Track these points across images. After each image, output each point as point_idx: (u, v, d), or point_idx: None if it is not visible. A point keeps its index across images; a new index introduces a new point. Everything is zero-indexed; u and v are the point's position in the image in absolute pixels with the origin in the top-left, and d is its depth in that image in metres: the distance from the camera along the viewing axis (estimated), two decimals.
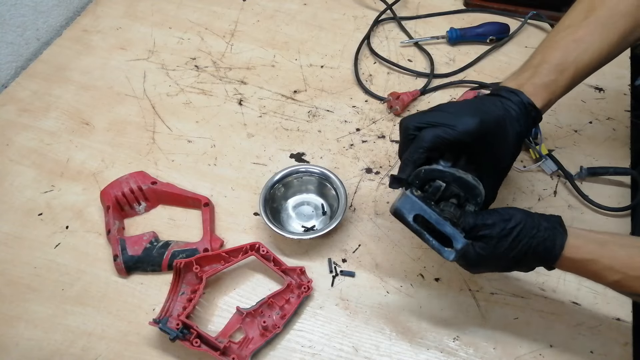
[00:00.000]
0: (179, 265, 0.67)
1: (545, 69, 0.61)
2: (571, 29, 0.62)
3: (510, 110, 0.58)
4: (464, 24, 1.02)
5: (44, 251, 0.75)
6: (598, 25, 0.62)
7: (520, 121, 0.59)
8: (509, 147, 0.59)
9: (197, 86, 0.95)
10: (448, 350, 0.65)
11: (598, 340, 0.65)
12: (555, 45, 0.62)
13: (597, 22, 0.62)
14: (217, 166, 0.84)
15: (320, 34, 1.03)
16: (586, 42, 0.61)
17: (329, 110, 0.91)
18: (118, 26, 1.06)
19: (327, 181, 0.77)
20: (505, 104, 0.58)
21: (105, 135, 0.88)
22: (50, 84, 0.96)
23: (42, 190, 0.81)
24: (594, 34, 0.61)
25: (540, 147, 0.80)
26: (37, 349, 0.66)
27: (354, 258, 0.73)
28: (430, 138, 0.56)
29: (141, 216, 0.79)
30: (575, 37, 0.62)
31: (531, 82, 0.60)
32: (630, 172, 0.77)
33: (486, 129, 0.56)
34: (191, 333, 0.63)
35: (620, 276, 0.53)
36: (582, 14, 0.63)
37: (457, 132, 0.55)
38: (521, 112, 0.59)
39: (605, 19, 0.62)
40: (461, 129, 0.55)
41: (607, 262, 0.53)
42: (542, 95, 0.60)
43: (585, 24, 0.62)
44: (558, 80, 0.61)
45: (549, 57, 0.61)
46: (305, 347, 0.66)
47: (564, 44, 0.62)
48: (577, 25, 0.62)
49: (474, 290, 0.70)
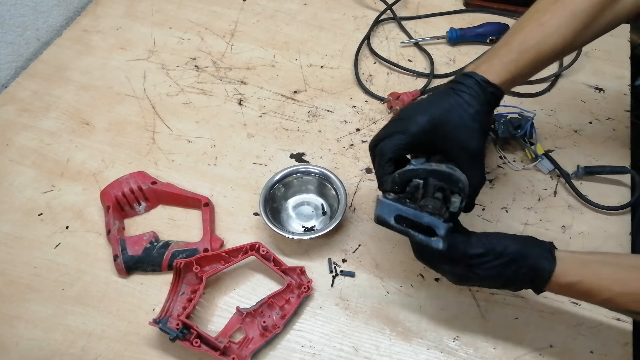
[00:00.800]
0: (179, 265, 0.67)
1: (505, 49, 0.62)
2: (538, 13, 0.63)
3: (462, 94, 0.59)
4: (464, 24, 1.02)
5: (44, 251, 0.75)
6: (564, 10, 0.62)
7: (476, 100, 0.59)
8: (470, 130, 0.59)
9: (197, 86, 0.95)
10: (448, 350, 0.65)
11: (598, 340, 0.65)
12: (519, 29, 0.63)
13: (564, 7, 0.62)
14: (217, 166, 0.84)
15: (320, 34, 1.03)
16: (550, 26, 0.62)
17: (329, 111, 0.91)
18: (118, 26, 1.06)
19: (327, 181, 0.77)
20: (457, 89, 0.60)
21: (105, 135, 0.88)
22: (50, 84, 0.96)
23: (42, 190, 0.81)
24: (559, 19, 0.62)
25: (535, 147, 0.80)
26: (37, 349, 0.66)
27: (354, 258, 0.73)
28: (388, 149, 0.59)
29: (141, 216, 0.79)
30: (541, 22, 0.62)
31: (488, 63, 0.61)
32: (626, 170, 0.77)
33: (437, 122, 0.58)
34: (191, 333, 0.63)
35: (607, 295, 0.54)
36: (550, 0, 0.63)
37: (410, 136, 0.58)
38: (476, 92, 0.59)
39: (572, 5, 0.62)
40: (413, 130, 0.58)
41: (593, 282, 0.54)
42: (500, 73, 0.60)
43: (552, 9, 0.62)
44: (518, 60, 0.61)
45: (511, 40, 0.62)
46: (305, 347, 0.66)
47: (529, 28, 0.62)
48: (544, 10, 0.63)
49: (474, 290, 0.70)
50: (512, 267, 0.55)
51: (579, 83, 0.92)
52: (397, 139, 0.58)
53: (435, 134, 0.58)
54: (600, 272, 0.55)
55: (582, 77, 0.93)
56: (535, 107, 0.88)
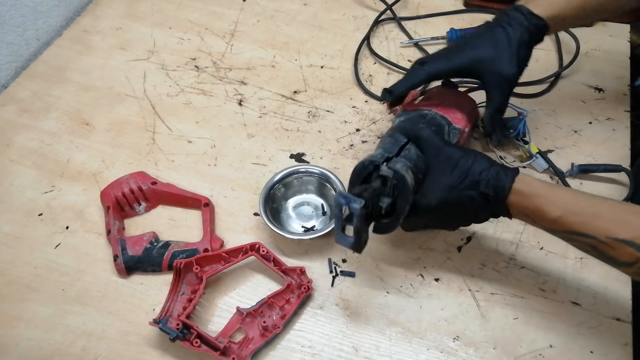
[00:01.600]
0: (179, 265, 0.67)
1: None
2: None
3: (507, 26, 0.66)
4: (464, 24, 1.02)
5: (44, 251, 0.75)
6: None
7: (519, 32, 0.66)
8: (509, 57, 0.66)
9: (197, 86, 0.95)
10: (448, 350, 0.65)
11: (598, 340, 0.65)
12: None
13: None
14: (217, 166, 0.84)
15: (320, 34, 1.03)
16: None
17: (329, 111, 0.91)
18: (118, 26, 1.06)
19: (327, 181, 0.77)
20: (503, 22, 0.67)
21: (106, 136, 0.88)
22: (51, 84, 0.96)
23: (42, 190, 0.81)
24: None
25: (529, 146, 0.80)
26: (37, 349, 0.67)
27: (354, 258, 0.73)
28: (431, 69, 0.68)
29: (141, 216, 0.79)
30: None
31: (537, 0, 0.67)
32: (620, 168, 0.77)
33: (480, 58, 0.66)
34: (191, 333, 0.63)
35: (561, 212, 0.55)
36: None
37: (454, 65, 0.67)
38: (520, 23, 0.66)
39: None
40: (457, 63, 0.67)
41: (551, 198, 0.56)
42: (548, 8, 0.66)
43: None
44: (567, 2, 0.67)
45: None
46: (305, 347, 0.66)
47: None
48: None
49: (474, 290, 0.70)
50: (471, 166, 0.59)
51: (579, 83, 0.92)
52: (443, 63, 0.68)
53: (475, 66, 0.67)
54: (558, 190, 0.58)
55: (582, 77, 0.93)
56: (535, 107, 0.88)
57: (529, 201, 0.57)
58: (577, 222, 0.55)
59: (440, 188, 0.60)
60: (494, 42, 0.66)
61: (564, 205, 0.56)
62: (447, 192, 0.60)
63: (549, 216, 0.56)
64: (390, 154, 0.61)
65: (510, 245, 0.73)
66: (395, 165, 0.59)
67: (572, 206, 0.56)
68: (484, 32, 0.68)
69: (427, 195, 0.60)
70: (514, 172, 0.58)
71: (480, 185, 0.58)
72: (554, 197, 0.56)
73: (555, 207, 0.56)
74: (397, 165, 0.59)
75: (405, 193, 0.59)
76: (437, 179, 0.60)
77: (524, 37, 0.66)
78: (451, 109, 0.70)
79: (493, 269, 0.71)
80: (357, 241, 0.58)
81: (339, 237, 0.59)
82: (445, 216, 0.62)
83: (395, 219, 0.60)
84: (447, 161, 0.60)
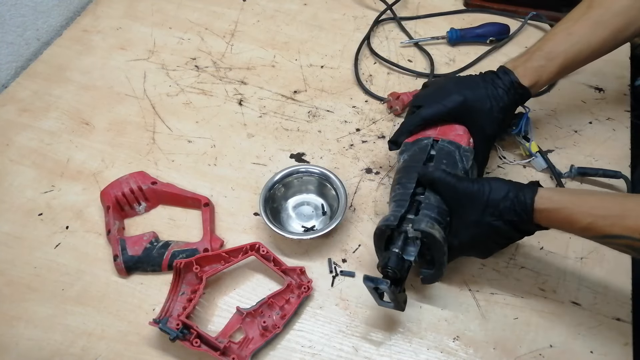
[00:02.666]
0: (179, 265, 0.67)
1: (537, 55, 0.71)
2: (569, 23, 0.71)
3: (497, 88, 0.70)
4: (464, 24, 1.02)
5: (44, 251, 0.75)
6: (592, 21, 0.70)
7: (506, 96, 0.70)
8: (493, 118, 0.70)
9: (197, 86, 0.95)
10: (448, 350, 0.65)
11: (598, 340, 0.65)
12: (552, 36, 0.72)
13: (592, 18, 0.70)
14: (217, 166, 0.84)
15: (320, 34, 1.03)
16: (578, 35, 0.70)
17: (329, 111, 0.91)
18: (118, 26, 1.06)
19: (327, 181, 0.77)
20: (495, 82, 0.70)
21: (105, 135, 0.88)
22: (51, 84, 0.96)
23: (42, 190, 0.81)
24: (586, 28, 0.70)
25: (530, 145, 0.80)
26: (37, 349, 0.66)
27: (354, 258, 0.73)
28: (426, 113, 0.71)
29: (141, 216, 0.79)
30: (570, 31, 0.71)
31: (524, 66, 0.71)
32: (619, 175, 0.77)
33: (470, 105, 0.69)
34: (191, 333, 0.63)
35: (591, 219, 0.55)
36: (582, 10, 0.71)
37: (445, 109, 0.70)
38: (509, 89, 0.70)
39: (599, 16, 0.70)
40: (450, 106, 0.70)
41: (577, 207, 0.56)
42: (531, 77, 0.70)
43: (581, 19, 0.71)
44: (546, 67, 0.70)
45: (544, 46, 0.71)
46: (305, 347, 0.66)
47: (559, 36, 0.71)
48: (574, 20, 0.71)
49: (474, 290, 0.70)
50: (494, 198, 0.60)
51: (579, 83, 0.92)
52: (436, 108, 0.70)
53: (464, 112, 0.70)
54: (582, 197, 0.58)
55: (582, 77, 0.92)
56: (536, 107, 0.88)
57: (556, 216, 0.57)
58: (607, 226, 0.55)
59: (466, 226, 0.61)
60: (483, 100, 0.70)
61: (590, 211, 0.56)
62: (474, 228, 0.61)
63: (578, 225, 0.56)
64: (403, 208, 0.62)
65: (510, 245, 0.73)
66: (420, 226, 0.60)
67: (599, 210, 0.55)
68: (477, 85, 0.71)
69: (457, 235, 0.62)
70: (532, 192, 0.58)
71: (502, 215, 0.59)
72: (579, 206, 0.56)
73: (583, 215, 0.56)
74: (422, 225, 0.60)
75: (438, 247, 0.61)
76: (462, 217, 0.62)
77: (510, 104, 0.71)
78: (448, 127, 0.71)
79: (493, 269, 0.71)
80: (397, 305, 0.62)
81: (380, 304, 0.63)
82: (479, 248, 0.64)
83: (438, 270, 0.64)
84: (465, 198, 0.61)
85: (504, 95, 0.69)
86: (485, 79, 0.71)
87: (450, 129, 0.70)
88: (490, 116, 0.70)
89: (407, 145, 0.71)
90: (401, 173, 0.67)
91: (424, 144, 0.69)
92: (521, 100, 0.72)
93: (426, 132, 0.71)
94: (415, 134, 0.72)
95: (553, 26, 0.74)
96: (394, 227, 0.61)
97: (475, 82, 0.71)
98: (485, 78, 0.71)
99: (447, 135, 0.69)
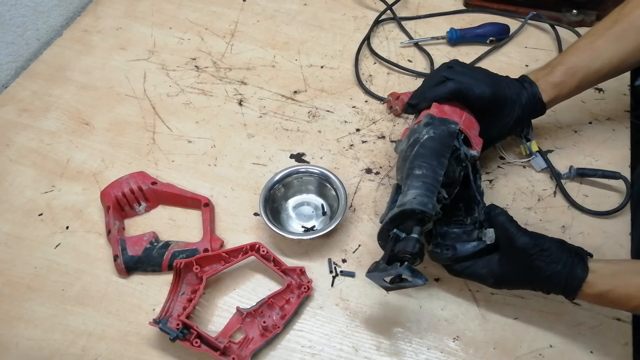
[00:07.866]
0: (179, 265, 0.67)
1: (559, 70, 0.71)
2: (592, 37, 0.72)
3: (522, 97, 0.70)
4: (464, 24, 1.02)
5: (44, 251, 0.75)
6: (614, 37, 0.70)
7: (525, 108, 0.71)
8: (506, 123, 0.71)
9: (197, 86, 0.95)
10: (448, 350, 0.65)
11: (598, 340, 0.65)
12: (574, 50, 0.72)
13: (615, 34, 0.70)
14: (217, 166, 0.84)
15: (320, 34, 1.03)
16: (599, 50, 0.70)
17: (329, 111, 0.91)
18: (118, 26, 1.06)
19: (327, 181, 0.77)
20: (521, 91, 0.70)
21: (105, 136, 0.88)
22: (51, 84, 0.96)
23: (42, 190, 0.81)
24: (608, 44, 0.70)
25: (530, 144, 0.80)
26: (37, 349, 0.67)
27: (354, 258, 0.73)
28: (452, 90, 0.69)
29: (141, 216, 0.79)
30: (592, 46, 0.71)
31: (545, 80, 0.71)
32: (618, 176, 0.76)
33: (494, 102, 0.69)
34: (191, 333, 0.63)
35: (637, 302, 0.56)
36: (606, 25, 0.71)
37: (473, 95, 0.68)
38: (529, 101, 0.70)
39: (621, 32, 0.70)
40: (477, 93, 0.68)
41: (622, 291, 0.56)
42: (550, 93, 0.71)
43: (604, 35, 0.71)
44: (566, 82, 0.71)
45: (565, 60, 0.72)
46: (305, 347, 0.66)
47: (581, 50, 0.72)
48: (598, 35, 0.71)
49: (474, 290, 0.70)
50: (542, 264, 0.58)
51: None
52: (464, 88, 0.68)
53: (490, 107, 0.69)
54: (630, 281, 0.57)
55: None
56: None
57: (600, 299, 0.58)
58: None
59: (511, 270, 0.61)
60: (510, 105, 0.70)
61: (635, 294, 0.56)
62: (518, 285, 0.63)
63: (625, 307, 0.58)
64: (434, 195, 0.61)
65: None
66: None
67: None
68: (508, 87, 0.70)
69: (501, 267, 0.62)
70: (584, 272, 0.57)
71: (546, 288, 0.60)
72: (624, 290, 0.56)
73: (629, 298, 0.56)
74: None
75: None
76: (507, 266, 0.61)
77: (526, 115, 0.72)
78: (471, 121, 0.70)
79: None
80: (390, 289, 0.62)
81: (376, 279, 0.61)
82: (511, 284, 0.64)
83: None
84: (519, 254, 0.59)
85: (525, 106, 0.70)
86: (514, 85, 0.71)
87: (472, 124, 0.70)
88: (506, 122, 0.71)
89: (433, 119, 0.67)
90: (427, 151, 0.64)
91: (452, 129, 0.66)
92: (535, 114, 0.73)
93: (452, 114, 0.69)
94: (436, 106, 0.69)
95: (578, 38, 0.75)
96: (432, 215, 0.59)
97: (507, 83, 0.71)
98: (514, 84, 0.71)
99: (469, 130, 0.69)
